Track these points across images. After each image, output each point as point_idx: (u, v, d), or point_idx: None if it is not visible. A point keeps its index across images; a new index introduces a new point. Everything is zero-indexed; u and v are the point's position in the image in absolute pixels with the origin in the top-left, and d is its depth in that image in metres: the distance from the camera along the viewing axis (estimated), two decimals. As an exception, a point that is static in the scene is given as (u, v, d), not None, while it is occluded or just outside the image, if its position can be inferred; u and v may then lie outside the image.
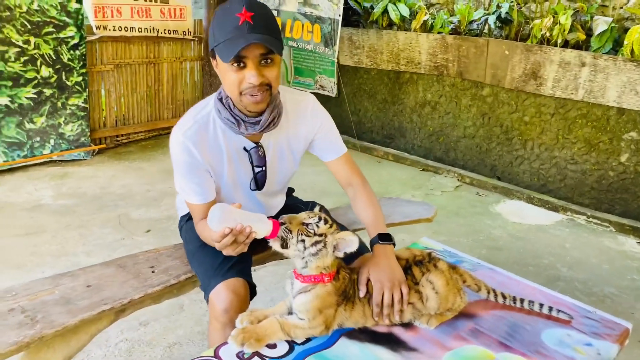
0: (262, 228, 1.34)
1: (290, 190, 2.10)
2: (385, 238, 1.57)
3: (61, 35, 4.27)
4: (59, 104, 4.40)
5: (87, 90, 4.57)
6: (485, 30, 4.69)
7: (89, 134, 4.66)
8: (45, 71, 4.25)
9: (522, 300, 1.60)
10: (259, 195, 1.78)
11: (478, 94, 4.65)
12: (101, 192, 3.95)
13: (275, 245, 1.36)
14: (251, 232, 1.31)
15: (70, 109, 4.47)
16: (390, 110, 5.44)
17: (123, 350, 2.26)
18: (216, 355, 1.32)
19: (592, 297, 2.82)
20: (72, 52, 4.37)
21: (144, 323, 2.44)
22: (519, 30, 4.45)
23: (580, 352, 1.42)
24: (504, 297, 1.64)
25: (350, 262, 1.82)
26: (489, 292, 1.64)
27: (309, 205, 1.50)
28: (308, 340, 1.37)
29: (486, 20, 4.61)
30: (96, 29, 4.53)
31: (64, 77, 4.37)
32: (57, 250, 3.06)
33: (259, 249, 1.78)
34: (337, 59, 5.66)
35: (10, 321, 1.51)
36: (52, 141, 4.43)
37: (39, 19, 4.12)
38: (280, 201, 1.94)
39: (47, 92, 4.31)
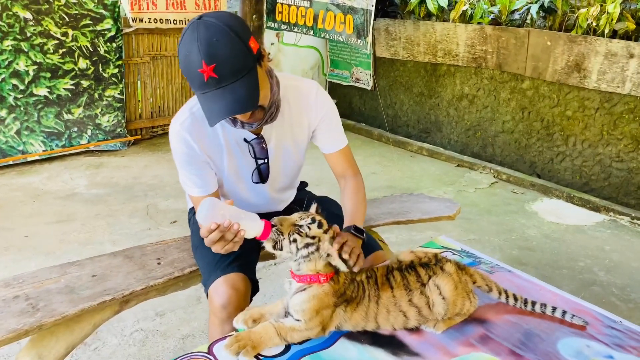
0: (252, 227, 1.29)
1: (302, 185, 2.04)
2: (359, 232, 1.54)
3: (98, 27, 4.36)
4: (96, 95, 4.50)
5: (123, 82, 4.66)
6: (528, 20, 4.47)
7: (124, 125, 4.75)
8: (82, 63, 4.35)
9: (533, 303, 1.49)
10: (266, 189, 1.73)
11: (518, 87, 4.45)
12: (133, 182, 4.02)
13: (268, 246, 1.31)
14: (239, 230, 1.27)
15: (106, 100, 4.57)
16: (426, 104, 5.29)
17: (137, 340, 2.28)
18: (210, 352, 1.29)
19: (629, 304, 2.64)
20: (108, 44, 4.45)
21: (160, 313, 2.45)
22: (563, 20, 4.22)
23: (599, 365, 1.31)
24: (516, 299, 1.52)
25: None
26: (500, 294, 1.53)
27: (310, 202, 1.43)
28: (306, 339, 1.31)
29: (528, 10, 4.40)
30: (132, 21, 4.60)
31: (100, 69, 4.47)
32: (84, 238, 3.12)
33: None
34: (374, 50, 5.55)
35: (13, 308, 1.52)
36: (89, 131, 4.54)
37: (77, 12, 4.21)
38: (289, 195, 1.89)
39: (85, 83, 4.41)
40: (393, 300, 1.38)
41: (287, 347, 1.31)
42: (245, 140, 1.59)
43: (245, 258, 1.64)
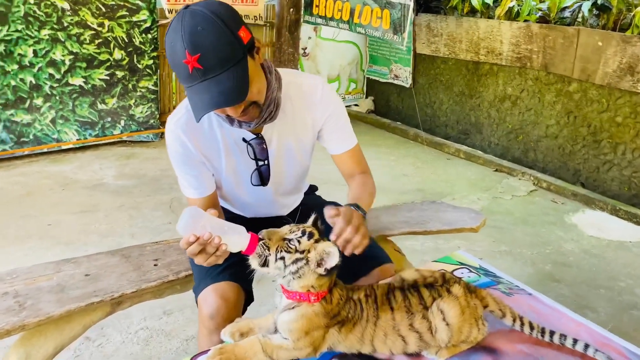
0: (236, 242, 1.19)
1: (312, 188, 1.93)
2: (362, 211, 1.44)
3: (134, 18, 4.37)
4: (130, 86, 4.52)
5: (158, 73, 4.67)
6: (579, 19, 4.19)
7: (158, 116, 4.76)
8: (117, 54, 4.37)
9: (552, 333, 1.31)
10: (268, 192, 1.63)
11: (564, 90, 4.18)
12: (160, 174, 4.01)
13: (253, 263, 1.20)
14: (221, 244, 1.17)
15: (140, 91, 4.59)
16: (467, 104, 5.07)
17: (141, 338, 2.23)
18: None
19: (673, 335, 2.41)
20: (143, 35, 4.46)
21: (168, 312, 2.40)
22: (618, 19, 3.92)
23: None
24: (532, 327, 1.35)
25: (368, 272, 1.65)
26: (514, 320, 1.36)
27: (308, 213, 1.31)
28: (294, 356, 1.21)
29: (580, 7, 4.12)
30: (168, 12, 4.59)
31: (135, 60, 4.48)
32: (105, 230, 3.12)
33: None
34: (414, 47, 5.37)
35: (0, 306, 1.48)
36: (122, 122, 4.57)
37: (113, 3, 4.24)
38: (295, 200, 1.78)
39: (119, 74, 4.44)
40: (392, 324, 1.25)
41: None
42: (244, 140, 1.49)
43: (241, 266, 1.53)
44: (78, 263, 1.73)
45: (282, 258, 1.17)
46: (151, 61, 4.57)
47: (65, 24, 4.08)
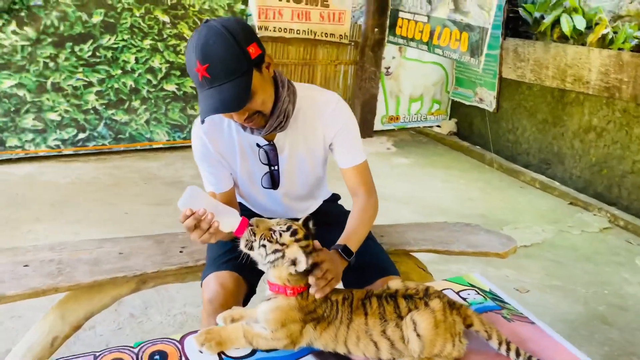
0: (227, 222, 1.33)
1: (334, 197, 2.02)
2: (348, 253, 1.51)
3: (226, 33, 4.73)
4: (218, 94, 4.88)
5: (244, 84, 4.98)
6: (678, 49, 3.90)
7: (241, 124, 5.08)
8: (208, 64, 4.75)
9: None
10: (279, 196, 1.76)
11: (654, 124, 3.89)
12: (233, 177, 4.28)
13: (241, 244, 1.33)
14: (213, 220, 1.31)
15: (227, 100, 4.93)
16: (549, 132, 4.86)
17: (177, 322, 2.44)
18: (181, 341, 1.35)
19: None
20: (233, 48, 4.80)
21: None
22: None
23: None
24: (518, 353, 1.32)
25: (372, 282, 1.71)
26: (500, 344, 1.34)
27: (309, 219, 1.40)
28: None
29: (679, 37, 3.83)
30: (258, 29, 4.91)
31: (224, 71, 4.84)
32: (171, 221, 3.41)
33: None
34: (499, 71, 5.26)
35: (43, 269, 1.74)
36: (207, 127, 4.94)
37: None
38: (308, 206, 1.87)
39: (209, 83, 4.81)
40: (364, 328, 1.31)
41: (253, 352, 1.31)
42: (257, 145, 1.63)
43: (245, 260, 1.68)
44: (116, 242, 1.96)
45: (264, 246, 1.28)
46: (238, 73, 4.90)
47: (165, 36, 4.53)
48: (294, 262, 1.28)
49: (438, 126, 6.20)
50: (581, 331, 2.56)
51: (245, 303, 1.69)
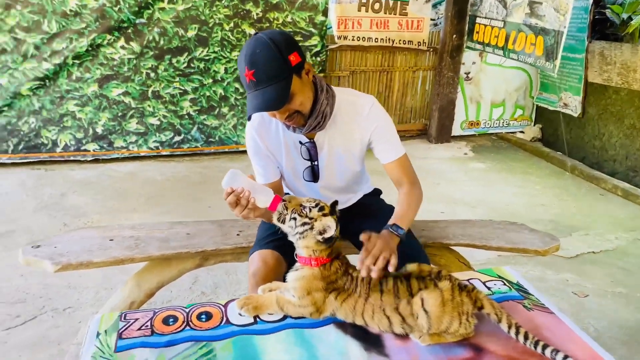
0: (262, 199, 1.56)
1: (376, 191, 2.19)
2: (399, 230, 1.68)
3: (307, 43, 5.04)
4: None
5: (324, 91, 5.26)
6: None
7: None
8: (290, 73, 5.08)
9: (545, 347, 1.35)
10: (320, 189, 1.96)
11: None
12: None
13: (274, 218, 1.55)
14: (250, 197, 1.55)
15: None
16: (638, 139, 4.62)
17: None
18: (225, 305, 1.60)
19: None
20: (314, 58, 5.10)
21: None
22: None
23: None
24: (526, 337, 1.39)
25: (400, 268, 1.86)
26: (510, 327, 1.43)
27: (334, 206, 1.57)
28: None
29: None
30: (337, 38, 5.16)
31: (304, 79, 5.14)
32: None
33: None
34: (585, 75, 5.07)
35: (124, 243, 2.08)
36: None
37: (291, 30, 4.96)
38: (347, 199, 2.06)
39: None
40: (379, 304, 1.46)
41: (284, 318, 1.51)
42: (300, 142, 1.86)
43: (287, 241, 1.91)
44: (186, 225, 2.28)
45: (294, 218, 1.49)
46: (318, 80, 5.18)
47: (251, 47, 4.91)
48: (321, 232, 1.46)
49: (521, 132, 6.08)
50: (638, 338, 2.50)
51: (284, 279, 1.92)
